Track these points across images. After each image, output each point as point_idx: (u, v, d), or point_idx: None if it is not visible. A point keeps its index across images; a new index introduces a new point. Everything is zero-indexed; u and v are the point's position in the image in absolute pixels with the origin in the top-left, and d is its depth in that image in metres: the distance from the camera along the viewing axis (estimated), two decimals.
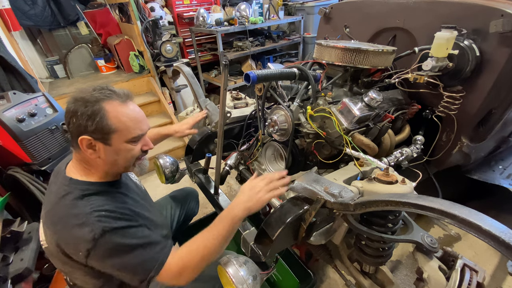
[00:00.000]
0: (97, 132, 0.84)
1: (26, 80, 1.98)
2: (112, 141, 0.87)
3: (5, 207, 1.49)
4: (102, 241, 0.80)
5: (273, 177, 0.99)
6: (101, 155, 0.88)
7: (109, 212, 0.85)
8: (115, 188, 0.98)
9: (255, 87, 1.33)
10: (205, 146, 1.68)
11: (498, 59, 1.15)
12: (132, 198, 1.02)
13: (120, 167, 0.95)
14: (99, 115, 0.83)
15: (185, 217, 1.65)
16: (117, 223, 0.84)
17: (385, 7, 1.54)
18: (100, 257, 0.83)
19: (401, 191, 0.85)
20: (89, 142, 0.85)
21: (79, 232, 0.81)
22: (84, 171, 0.93)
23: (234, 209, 0.93)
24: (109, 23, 3.80)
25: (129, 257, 0.84)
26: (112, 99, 0.87)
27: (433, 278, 0.82)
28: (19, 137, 1.49)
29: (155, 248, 0.88)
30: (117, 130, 0.86)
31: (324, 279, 1.76)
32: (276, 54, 4.44)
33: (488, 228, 0.54)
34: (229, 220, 0.92)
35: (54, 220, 0.86)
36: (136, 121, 0.91)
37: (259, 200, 0.94)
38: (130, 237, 0.85)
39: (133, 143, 0.92)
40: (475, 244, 1.90)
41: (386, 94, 1.38)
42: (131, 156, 0.94)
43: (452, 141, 1.41)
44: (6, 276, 1.20)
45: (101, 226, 0.81)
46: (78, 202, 0.85)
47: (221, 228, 0.91)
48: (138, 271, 0.85)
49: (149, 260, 0.86)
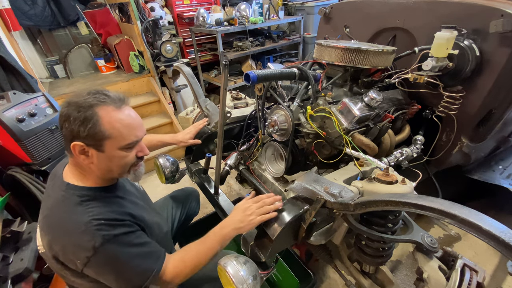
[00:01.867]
0: (90, 138, 0.82)
1: (26, 80, 1.98)
2: (105, 147, 0.85)
3: (5, 207, 1.49)
4: (102, 249, 0.80)
5: (266, 201, 1.00)
6: (94, 161, 0.86)
7: (107, 220, 0.84)
8: (111, 193, 0.97)
9: (255, 87, 1.33)
10: (205, 146, 1.68)
11: (498, 59, 1.15)
12: (129, 201, 1.02)
13: (114, 173, 0.93)
14: (92, 121, 0.81)
15: (186, 217, 1.65)
16: (117, 230, 0.84)
17: (385, 7, 1.54)
18: (99, 264, 0.83)
19: (401, 191, 0.85)
20: (81, 148, 0.83)
21: (79, 240, 0.80)
22: (80, 176, 0.92)
23: (226, 228, 0.98)
24: (109, 23, 3.79)
25: (127, 265, 0.85)
26: (106, 104, 0.84)
27: (433, 278, 0.82)
28: (19, 137, 1.49)
29: (151, 257, 0.90)
30: (111, 137, 0.84)
31: (324, 279, 1.76)
32: (276, 54, 4.44)
33: (488, 228, 0.54)
34: (221, 237, 0.97)
35: (52, 227, 0.86)
36: (131, 127, 0.88)
37: (250, 223, 0.97)
38: (129, 245, 0.86)
39: (127, 150, 0.90)
40: (475, 244, 1.90)
41: (386, 94, 1.38)
42: (125, 163, 0.92)
43: (452, 141, 1.41)
44: (6, 276, 1.20)
45: (101, 235, 0.80)
46: (77, 209, 0.84)
47: (212, 243, 0.96)
48: (134, 280, 0.87)
49: (146, 269, 0.87)
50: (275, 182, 1.35)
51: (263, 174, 1.43)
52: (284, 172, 1.28)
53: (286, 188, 1.14)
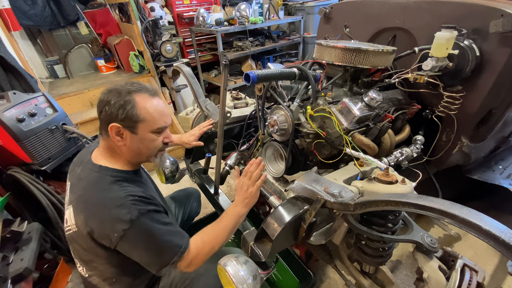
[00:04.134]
0: (126, 120, 0.92)
1: (26, 80, 1.98)
2: (138, 130, 0.95)
3: (5, 207, 1.49)
4: (137, 223, 0.87)
5: (252, 170, 1.12)
6: (127, 142, 0.96)
7: (140, 197, 0.92)
8: (138, 177, 1.07)
9: (255, 87, 1.33)
10: (205, 146, 1.68)
11: (498, 59, 1.14)
12: (150, 188, 1.11)
13: (143, 155, 1.02)
14: (130, 105, 0.91)
15: (187, 218, 1.65)
16: (149, 207, 0.92)
17: (385, 7, 1.54)
18: (134, 237, 0.88)
19: (401, 191, 0.85)
20: (118, 130, 0.93)
21: (117, 214, 0.86)
22: (110, 159, 1.00)
23: (237, 206, 1.07)
24: (109, 23, 3.79)
25: (160, 239, 0.91)
26: (142, 92, 0.96)
27: (433, 278, 0.82)
28: (19, 137, 1.49)
29: (179, 235, 0.96)
30: (144, 120, 0.94)
31: (324, 279, 1.76)
32: (276, 54, 4.44)
33: (488, 228, 0.54)
34: (235, 214, 1.05)
35: (90, 204, 0.91)
36: (162, 113, 0.99)
37: (252, 194, 1.08)
38: (159, 222, 0.93)
39: (157, 134, 1.00)
40: (475, 244, 1.90)
41: (386, 94, 1.38)
42: (154, 146, 1.02)
43: (452, 141, 1.41)
44: (6, 276, 1.20)
45: (137, 209, 0.88)
46: (112, 187, 0.92)
47: (228, 221, 1.04)
48: (165, 254, 0.91)
49: (176, 245, 0.93)
50: (275, 182, 1.35)
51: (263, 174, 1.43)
52: (284, 172, 1.28)
53: (286, 188, 1.14)
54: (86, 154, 1.05)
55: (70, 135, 1.74)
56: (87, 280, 1.06)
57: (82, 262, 1.03)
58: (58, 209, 1.60)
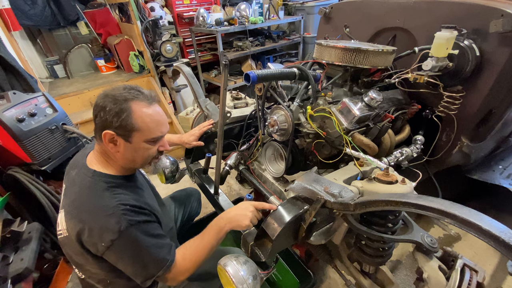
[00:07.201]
0: (121, 129, 0.89)
1: (26, 80, 1.97)
2: (132, 138, 0.92)
3: (5, 207, 1.49)
4: (126, 234, 0.86)
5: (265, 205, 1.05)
6: (120, 150, 0.94)
7: (132, 206, 0.90)
8: (132, 182, 1.04)
9: (255, 87, 1.33)
10: (205, 146, 1.68)
11: (498, 59, 1.14)
12: (146, 192, 1.09)
13: (137, 163, 1.00)
14: (125, 113, 0.88)
15: (187, 218, 1.65)
16: (140, 217, 0.90)
17: (385, 7, 1.54)
18: (121, 248, 0.87)
19: (401, 191, 0.85)
20: (111, 137, 0.90)
21: (106, 223, 0.85)
22: (104, 164, 0.99)
23: (221, 221, 1.03)
24: (109, 23, 3.79)
25: (147, 252, 0.89)
26: (139, 99, 0.92)
27: (433, 278, 0.82)
28: (19, 137, 1.49)
29: (166, 248, 0.95)
30: (139, 130, 0.92)
31: (324, 279, 1.76)
32: (276, 54, 4.44)
33: (488, 228, 0.54)
34: (216, 230, 1.01)
35: (80, 210, 0.90)
36: (158, 123, 0.96)
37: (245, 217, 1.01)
38: (148, 234, 0.91)
39: (152, 143, 0.97)
40: (475, 244, 1.90)
41: (386, 94, 1.38)
42: (148, 155, 0.99)
43: (452, 141, 1.41)
44: (6, 276, 1.20)
45: (126, 219, 0.86)
46: (104, 194, 0.90)
47: (209, 237, 1.01)
48: (151, 267, 0.90)
49: (163, 258, 0.92)
50: (275, 182, 1.35)
51: (263, 174, 1.43)
52: (284, 172, 1.28)
53: (286, 188, 1.14)
54: (82, 157, 1.04)
55: (70, 135, 1.74)
56: (84, 281, 1.05)
57: (75, 265, 1.03)
58: (58, 209, 1.60)
